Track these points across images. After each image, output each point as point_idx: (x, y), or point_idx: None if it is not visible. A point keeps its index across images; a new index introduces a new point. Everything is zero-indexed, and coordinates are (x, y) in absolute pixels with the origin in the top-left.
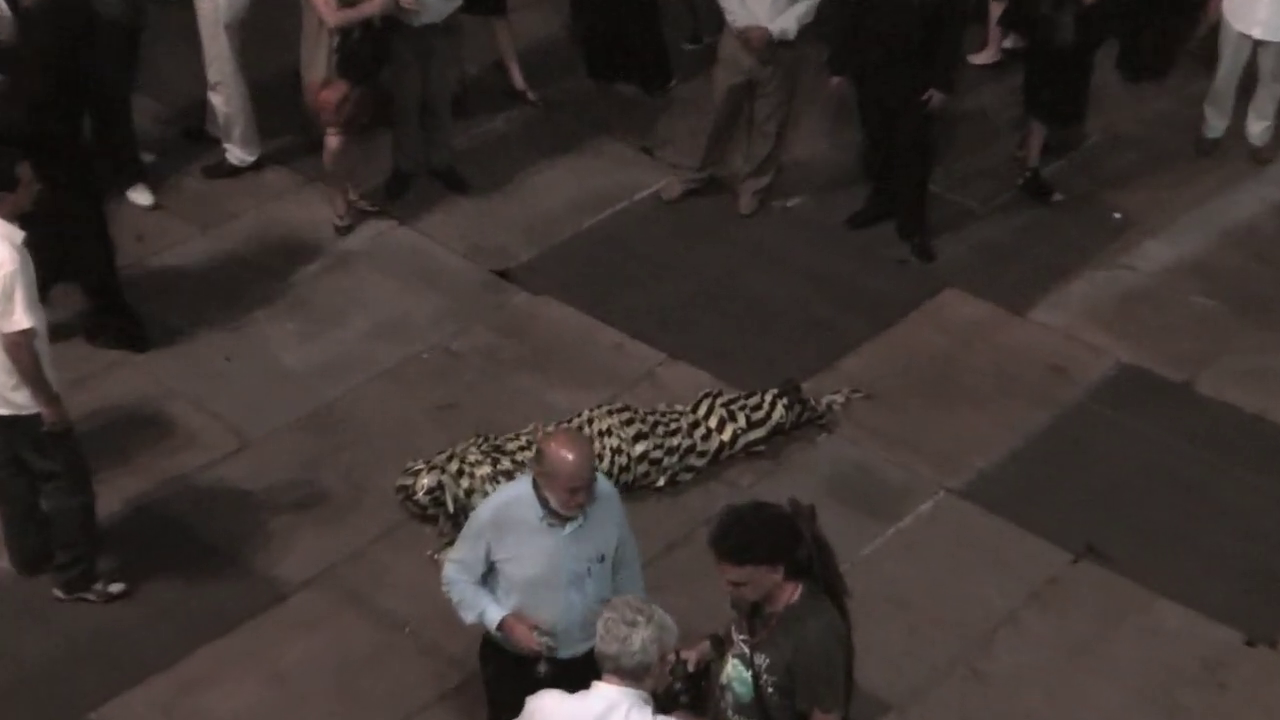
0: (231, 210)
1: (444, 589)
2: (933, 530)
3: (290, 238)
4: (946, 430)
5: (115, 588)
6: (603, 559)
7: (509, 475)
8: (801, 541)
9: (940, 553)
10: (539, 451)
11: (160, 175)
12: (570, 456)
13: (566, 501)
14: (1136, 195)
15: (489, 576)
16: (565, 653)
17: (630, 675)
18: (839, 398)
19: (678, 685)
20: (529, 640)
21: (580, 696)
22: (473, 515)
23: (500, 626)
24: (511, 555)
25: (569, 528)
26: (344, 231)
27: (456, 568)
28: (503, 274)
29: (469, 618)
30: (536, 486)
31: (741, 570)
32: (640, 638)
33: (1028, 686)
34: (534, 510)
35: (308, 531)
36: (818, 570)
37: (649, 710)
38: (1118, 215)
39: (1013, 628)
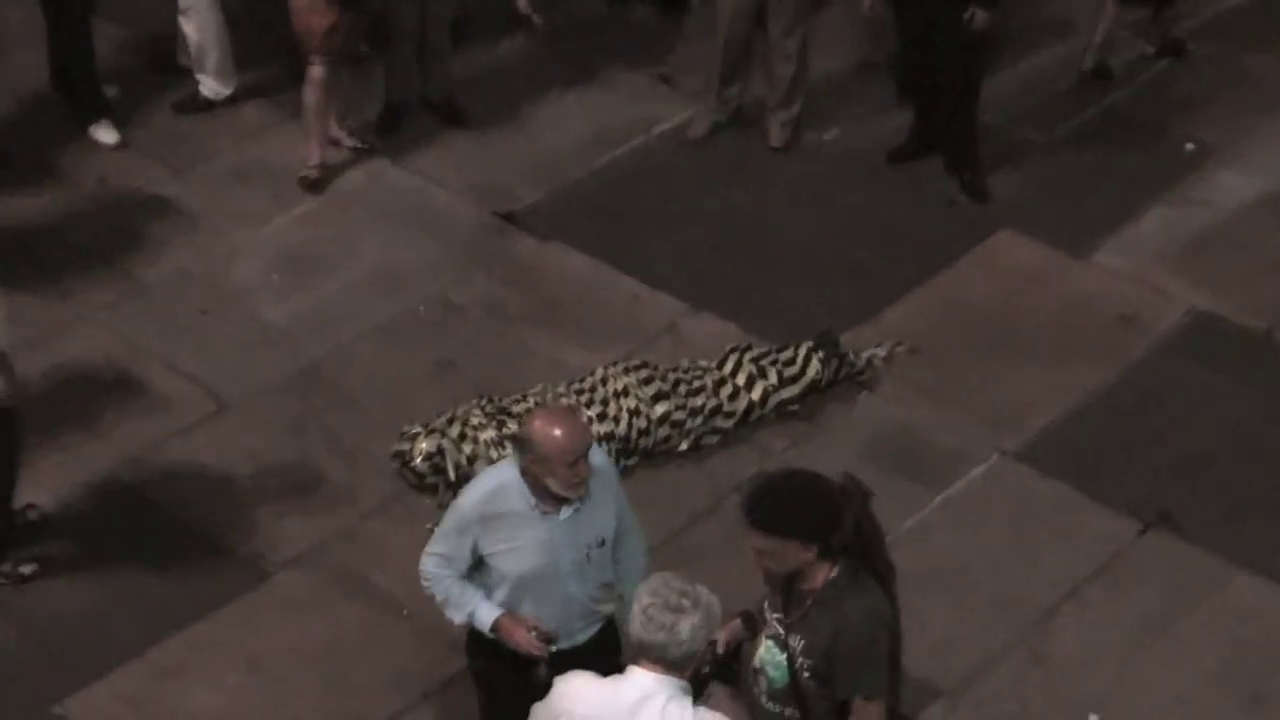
0: (205, 149)
1: (424, 585)
2: (986, 498)
3: (271, 179)
4: (1001, 386)
5: (26, 569)
6: (603, 543)
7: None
8: (840, 528)
9: (994, 523)
10: (521, 440)
11: (126, 110)
12: (559, 432)
13: (569, 479)
14: (1213, 122)
15: (476, 568)
16: (564, 643)
17: (674, 665)
18: (881, 351)
19: (706, 669)
20: (528, 644)
21: (613, 681)
22: (453, 506)
23: (494, 628)
24: (502, 548)
25: (564, 513)
26: (313, 186)
27: (437, 561)
28: (507, 217)
29: (457, 618)
30: (524, 472)
31: (767, 539)
32: (689, 625)
33: (1092, 670)
34: (523, 499)
35: (292, 504)
36: (858, 558)
37: (688, 701)
38: (1191, 145)
39: (1076, 605)
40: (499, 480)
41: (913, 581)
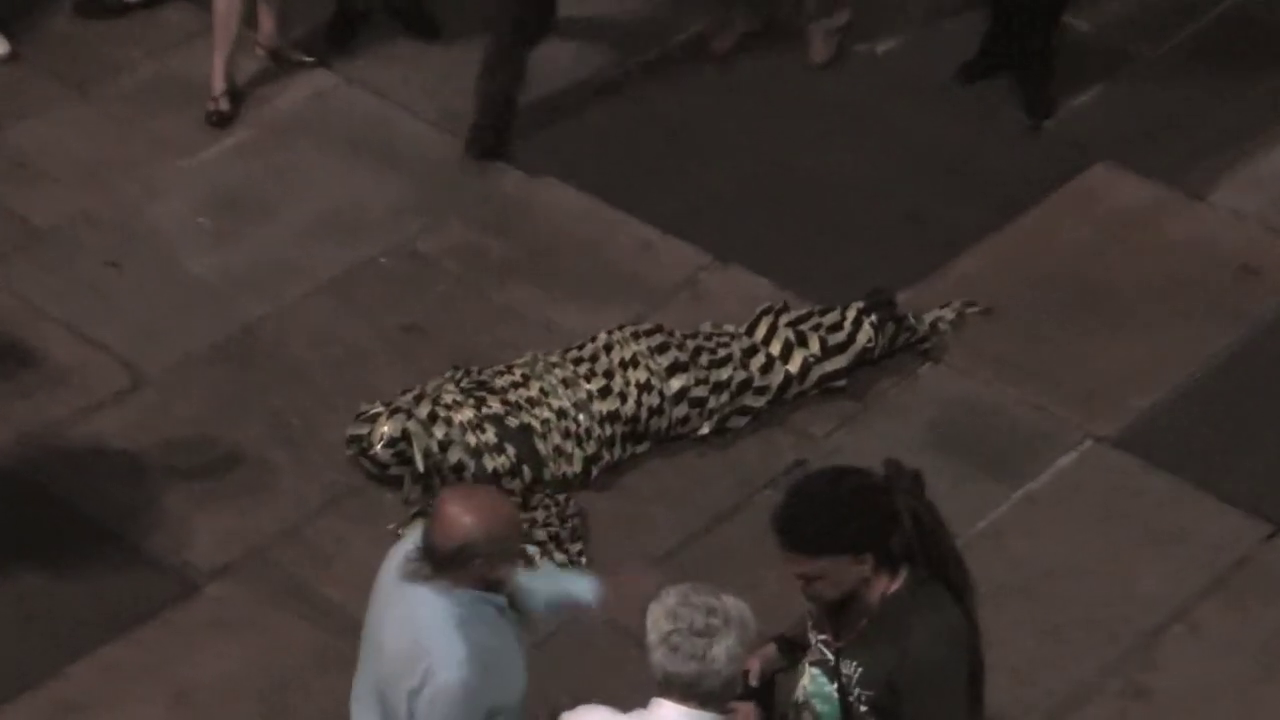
0: (116, 62)
1: None
2: (1076, 494)
3: (199, 100)
4: (1096, 356)
5: None
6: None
7: (498, 421)
8: (899, 524)
9: (1087, 525)
10: (462, 549)
11: (16, 12)
12: (501, 505)
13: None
14: None
15: None
16: None
17: (710, 699)
18: (948, 314)
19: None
20: None
21: (636, 716)
22: (452, 696)
23: None
24: (502, 683)
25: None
26: (222, 121)
27: None
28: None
29: None
30: (477, 583)
31: (813, 562)
32: (723, 649)
33: (1207, 706)
34: (492, 608)
35: (226, 500)
36: (921, 558)
37: None
38: None
39: (1187, 627)
40: (468, 617)
41: (987, 595)
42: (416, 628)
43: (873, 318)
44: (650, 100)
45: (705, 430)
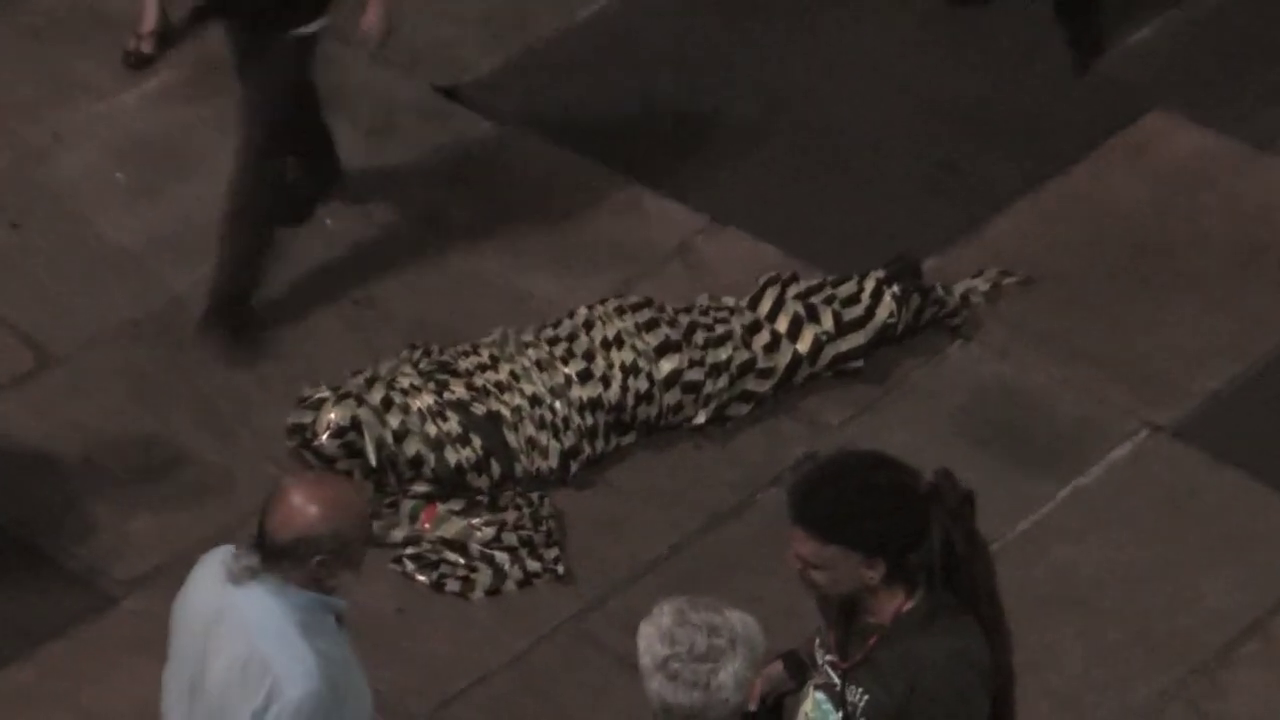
0: None
1: None
2: (1131, 491)
3: (115, 27)
4: (1153, 333)
5: None
6: None
7: (462, 408)
8: (921, 543)
9: (1143, 526)
10: (303, 541)
11: None
12: (351, 496)
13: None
14: None
15: None
16: None
17: None
18: (981, 284)
19: None
20: None
21: None
22: (304, 710)
23: None
24: (352, 704)
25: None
26: (141, 63)
27: None
28: (450, 93)
29: None
30: (313, 584)
31: (819, 546)
32: (729, 674)
33: None
34: (332, 616)
35: (144, 499)
36: (940, 585)
37: None
38: None
39: (1259, 643)
40: (302, 629)
41: (1029, 607)
42: (250, 636)
43: (895, 289)
44: (637, 36)
45: (701, 419)
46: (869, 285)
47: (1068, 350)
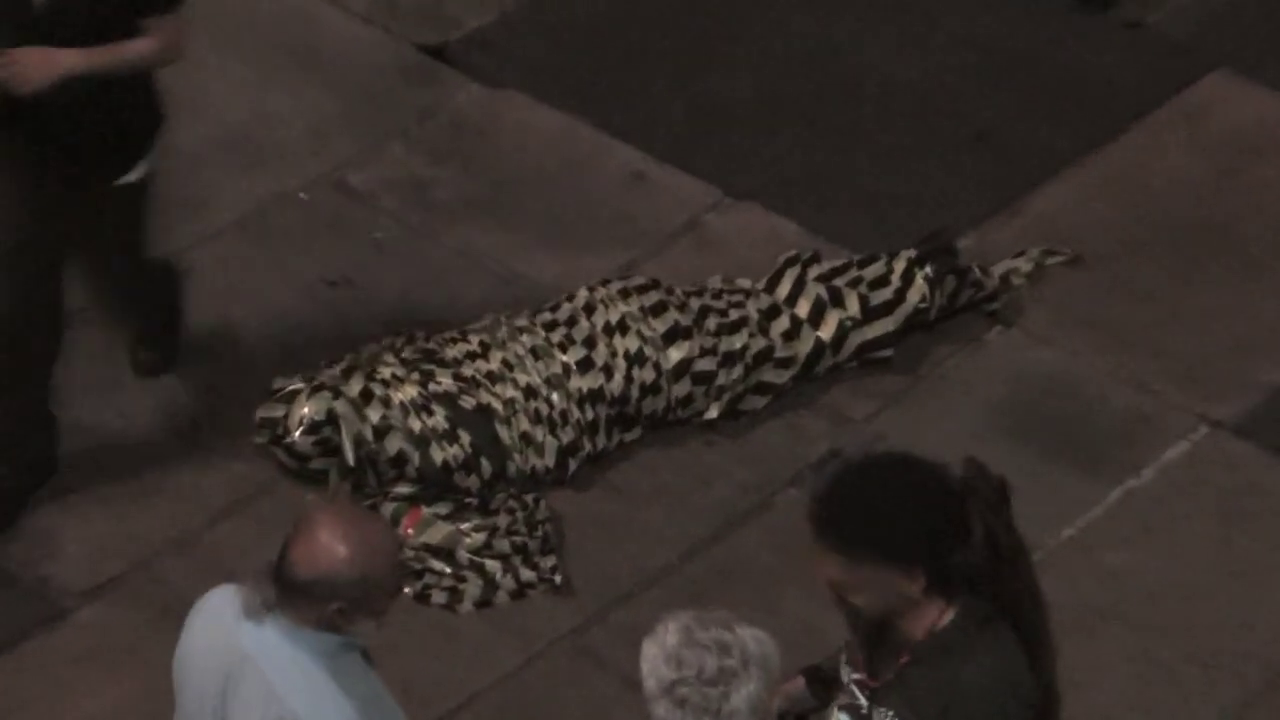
0: None
1: None
2: (1188, 494)
3: None
4: (1212, 319)
5: None
6: None
7: (450, 402)
8: (965, 543)
9: (1200, 533)
10: (317, 583)
11: None
12: (388, 550)
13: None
14: None
15: None
16: None
17: None
18: (1023, 264)
19: None
20: None
21: None
22: None
23: None
24: None
25: None
26: None
27: None
28: (436, 52)
29: None
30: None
31: (850, 565)
32: (743, 697)
33: None
34: (358, 653)
35: (99, 502)
36: (986, 590)
37: None
38: None
39: None
40: (334, 673)
41: (1074, 621)
42: (280, 698)
43: (928, 270)
44: None
45: (714, 414)
46: (899, 266)
47: (1118, 338)
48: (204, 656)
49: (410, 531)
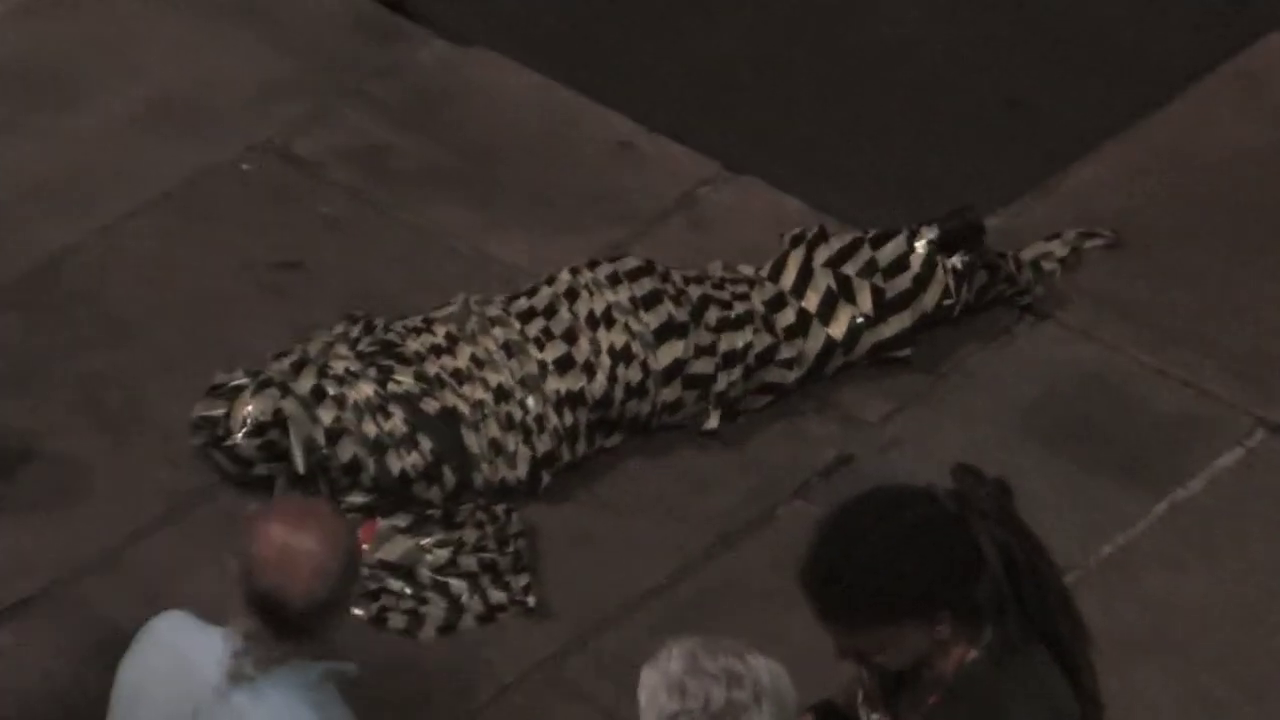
0: None
1: None
2: (1240, 506)
3: None
4: (1267, 311)
5: None
6: None
7: (410, 403)
8: (984, 566)
9: (1254, 550)
10: (327, 602)
11: None
12: (342, 526)
13: None
14: None
15: None
16: None
17: None
18: (1057, 248)
19: None
20: None
21: None
22: None
23: None
24: None
25: None
26: None
27: None
28: (396, 4)
29: None
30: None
31: (873, 634)
32: None
33: None
34: (344, 682)
35: (15, 511)
36: (1014, 611)
37: None
38: None
39: None
40: (315, 713)
41: (1115, 648)
42: None
43: (955, 262)
44: None
45: (713, 425)
46: (920, 248)
47: (1163, 331)
48: (163, 687)
49: (366, 547)
